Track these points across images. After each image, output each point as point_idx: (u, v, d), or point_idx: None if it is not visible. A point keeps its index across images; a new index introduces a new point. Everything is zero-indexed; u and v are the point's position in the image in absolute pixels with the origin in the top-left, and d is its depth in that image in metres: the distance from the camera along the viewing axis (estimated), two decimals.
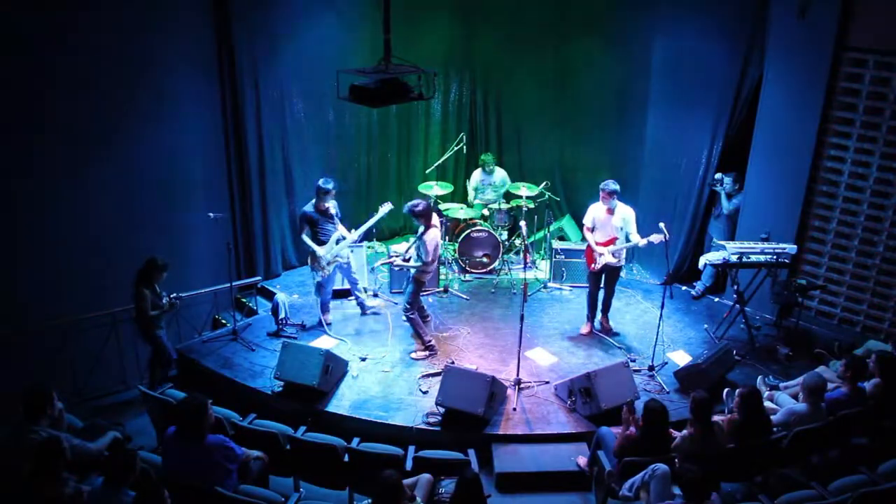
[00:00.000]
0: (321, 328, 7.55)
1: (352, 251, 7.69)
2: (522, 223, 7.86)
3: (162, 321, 6.53)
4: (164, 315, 6.51)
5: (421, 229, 6.81)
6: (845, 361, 5.56)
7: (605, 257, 7.17)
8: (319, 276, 7.39)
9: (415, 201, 6.83)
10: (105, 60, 6.40)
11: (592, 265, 7.30)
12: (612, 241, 7.16)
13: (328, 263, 7.30)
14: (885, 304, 7.25)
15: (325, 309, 7.69)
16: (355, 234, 7.40)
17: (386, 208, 7.43)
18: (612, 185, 7.07)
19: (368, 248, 8.91)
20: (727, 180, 7.99)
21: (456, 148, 9.15)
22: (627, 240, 7.14)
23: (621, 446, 5.05)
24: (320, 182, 7.21)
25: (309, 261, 7.41)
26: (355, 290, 7.81)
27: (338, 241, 7.31)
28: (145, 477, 4.08)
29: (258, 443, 5.12)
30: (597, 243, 7.21)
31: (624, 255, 7.32)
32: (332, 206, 7.32)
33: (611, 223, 7.15)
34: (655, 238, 6.86)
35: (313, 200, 7.28)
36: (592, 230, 7.27)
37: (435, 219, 6.88)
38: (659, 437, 4.97)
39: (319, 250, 7.24)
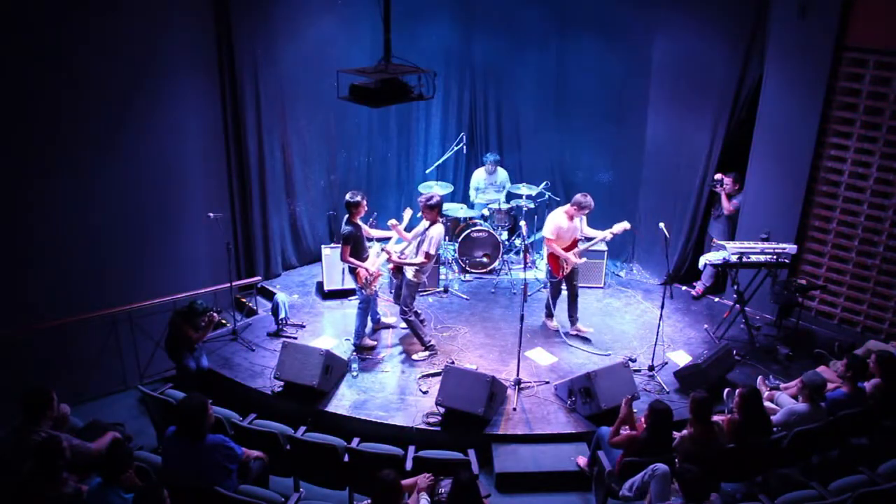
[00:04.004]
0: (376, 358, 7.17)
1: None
2: (522, 223, 7.86)
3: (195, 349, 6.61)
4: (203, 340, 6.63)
5: (426, 224, 6.81)
6: (845, 361, 5.56)
7: (572, 259, 7.21)
8: (365, 294, 6.97)
9: (430, 193, 6.88)
10: (105, 60, 6.38)
11: (560, 272, 7.30)
12: (575, 244, 7.24)
13: (374, 280, 6.95)
14: (885, 304, 7.25)
15: (371, 330, 7.42)
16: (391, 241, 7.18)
17: (408, 213, 7.28)
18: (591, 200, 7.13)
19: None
20: (727, 181, 8.00)
21: (456, 148, 9.15)
22: (587, 238, 7.33)
23: (621, 443, 5.06)
24: (348, 197, 6.81)
25: (355, 282, 6.96)
26: (375, 305, 7.50)
27: (378, 254, 7.08)
28: (145, 477, 4.08)
29: (258, 443, 5.13)
30: (563, 249, 7.22)
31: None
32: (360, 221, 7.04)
33: (571, 227, 7.21)
34: (619, 227, 7.06)
35: (347, 216, 6.87)
36: (556, 239, 7.20)
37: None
38: (663, 437, 4.97)
39: (368, 265, 6.89)
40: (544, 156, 9.84)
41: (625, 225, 7.14)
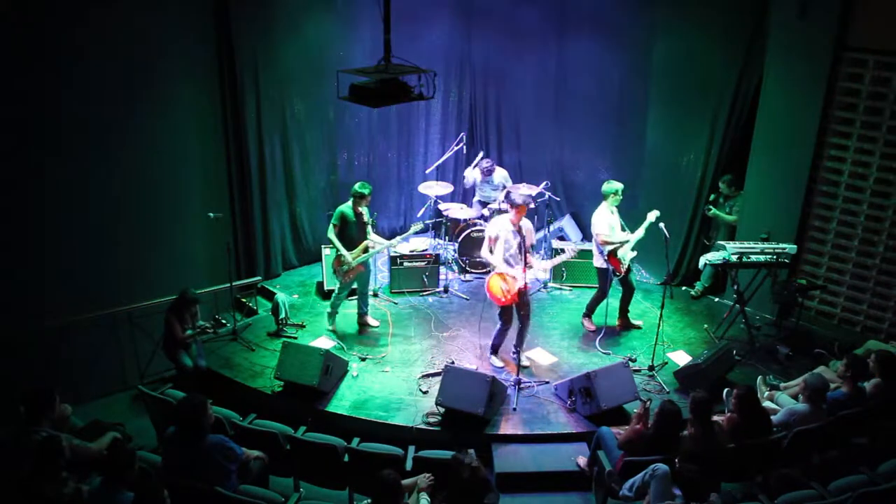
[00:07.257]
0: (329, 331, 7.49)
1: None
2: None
3: (190, 347, 6.66)
4: (190, 341, 6.64)
5: (511, 226, 6.84)
6: (845, 361, 5.56)
7: (629, 250, 7.33)
8: (339, 281, 7.23)
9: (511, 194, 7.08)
10: (105, 60, 6.39)
11: (620, 267, 7.31)
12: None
13: (350, 270, 7.13)
14: (885, 304, 7.24)
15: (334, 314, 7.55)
16: (389, 244, 7.41)
17: (418, 227, 7.43)
18: None
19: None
20: (722, 184, 8.02)
21: (456, 148, 9.15)
22: (623, 228, 7.38)
23: (629, 440, 5.06)
24: (357, 186, 7.08)
25: (333, 265, 7.23)
26: (365, 304, 7.60)
27: (366, 250, 7.19)
28: (145, 477, 4.08)
29: (258, 443, 5.13)
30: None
31: None
32: (365, 212, 7.18)
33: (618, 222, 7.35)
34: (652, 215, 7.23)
35: (349, 202, 7.11)
36: (610, 235, 7.29)
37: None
38: (667, 438, 4.96)
39: (347, 255, 7.07)
40: (544, 156, 9.85)
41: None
